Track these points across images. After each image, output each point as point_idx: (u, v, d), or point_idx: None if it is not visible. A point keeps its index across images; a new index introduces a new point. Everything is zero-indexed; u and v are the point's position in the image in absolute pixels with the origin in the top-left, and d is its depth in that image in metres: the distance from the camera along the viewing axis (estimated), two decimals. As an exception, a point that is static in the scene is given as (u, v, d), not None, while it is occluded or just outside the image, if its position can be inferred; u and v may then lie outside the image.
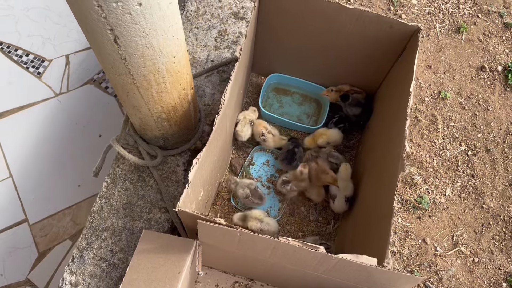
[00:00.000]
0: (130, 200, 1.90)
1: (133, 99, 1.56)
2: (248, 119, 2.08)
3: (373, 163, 1.88)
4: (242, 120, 2.06)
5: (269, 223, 1.85)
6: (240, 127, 2.05)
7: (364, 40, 1.88)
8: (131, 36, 1.23)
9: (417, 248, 2.02)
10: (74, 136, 2.87)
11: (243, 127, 2.06)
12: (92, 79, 3.06)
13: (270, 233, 1.81)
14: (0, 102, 2.95)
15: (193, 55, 2.26)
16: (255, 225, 1.82)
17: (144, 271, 1.50)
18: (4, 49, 3.11)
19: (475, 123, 2.31)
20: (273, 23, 1.94)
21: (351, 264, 1.30)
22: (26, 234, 2.62)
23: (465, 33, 2.55)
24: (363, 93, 2.16)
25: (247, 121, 2.07)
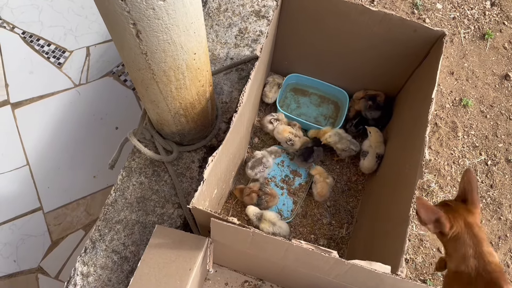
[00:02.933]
0: (144, 194, 1.91)
1: (152, 94, 1.56)
2: (277, 82, 2.19)
3: (390, 168, 1.85)
4: (271, 82, 2.18)
5: (281, 226, 1.86)
6: (268, 87, 2.17)
7: (387, 43, 1.85)
8: (153, 31, 1.22)
9: (431, 257, 1.98)
10: (91, 127, 2.90)
11: (272, 88, 2.17)
12: (112, 71, 3.08)
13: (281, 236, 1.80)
14: (21, 91, 2.99)
15: (212, 52, 2.25)
16: (267, 228, 1.83)
17: (155, 266, 1.51)
18: (26, 38, 3.15)
19: (496, 133, 2.26)
20: (295, 23, 1.92)
21: (364, 270, 1.29)
22: (40, 222, 2.65)
23: (490, 40, 2.50)
24: (381, 95, 2.12)
25: (276, 83, 2.18)
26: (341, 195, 2.08)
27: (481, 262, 1.37)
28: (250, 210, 1.89)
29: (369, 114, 2.07)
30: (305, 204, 2.06)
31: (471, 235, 1.42)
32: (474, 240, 1.41)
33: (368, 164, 1.97)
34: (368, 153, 1.98)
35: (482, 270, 1.36)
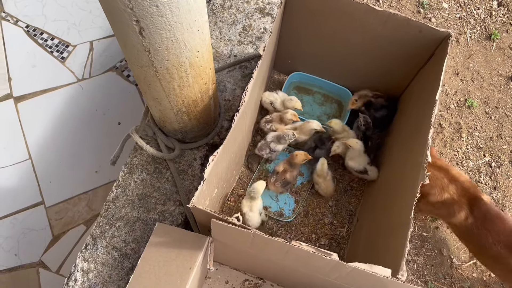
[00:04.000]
0: (146, 191, 1.91)
1: (155, 91, 1.55)
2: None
3: (392, 169, 1.84)
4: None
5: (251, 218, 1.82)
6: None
7: (392, 43, 1.83)
8: (156, 29, 1.21)
9: (432, 259, 1.97)
10: (94, 122, 2.89)
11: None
12: (115, 66, 3.07)
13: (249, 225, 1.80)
14: (24, 85, 2.99)
15: (216, 49, 2.24)
16: (244, 212, 1.81)
17: (156, 264, 1.50)
18: (30, 32, 3.14)
19: (501, 134, 2.24)
20: (299, 21, 1.91)
21: (365, 273, 1.28)
22: (42, 216, 2.66)
23: (496, 41, 2.47)
24: (384, 96, 2.11)
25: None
26: (343, 195, 2.07)
27: (457, 184, 1.68)
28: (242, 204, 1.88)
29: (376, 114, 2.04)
30: (307, 204, 2.05)
31: (437, 168, 1.71)
32: (442, 170, 1.70)
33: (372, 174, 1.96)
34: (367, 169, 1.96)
35: (461, 189, 1.67)
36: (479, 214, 1.65)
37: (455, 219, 1.70)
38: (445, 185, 1.69)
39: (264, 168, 2.11)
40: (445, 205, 1.70)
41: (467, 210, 1.66)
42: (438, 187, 1.69)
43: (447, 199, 1.69)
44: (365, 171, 1.94)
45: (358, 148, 1.93)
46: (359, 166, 1.95)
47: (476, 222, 1.65)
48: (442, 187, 1.69)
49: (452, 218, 1.70)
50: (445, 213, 1.74)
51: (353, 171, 1.99)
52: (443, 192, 1.69)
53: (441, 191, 1.69)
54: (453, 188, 1.68)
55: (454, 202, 1.68)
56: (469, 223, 1.67)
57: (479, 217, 1.65)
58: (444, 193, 1.69)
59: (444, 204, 1.70)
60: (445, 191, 1.69)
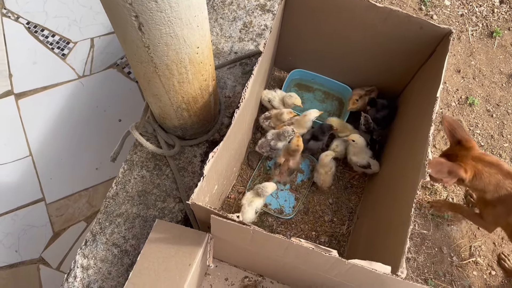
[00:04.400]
0: (146, 188, 1.90)
1: (154, 88, 1.55)
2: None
3: (393, 167, 1.83)
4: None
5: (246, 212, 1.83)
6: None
7: (393, 40, 1.82)
8: (155, 24, 1.21)
9: (432, 257, 1.97)
10: (95, 119, 2.89)
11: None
12: (115, 63, 3.06)
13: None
14: (24, 81, 2.98)
15: (216, 46, 2.23)
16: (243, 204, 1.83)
17: (155, 261, 1.50)
18: (31, 28, 3.14)
19: (502, 132, 2.23)
20: (299, 18, 1.90)
21: (365, 270, 1.27)
22: (42, 213, 2.66)
23: (498, 38, 2.46)
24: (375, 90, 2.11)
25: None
26: (343, 192, 2.06)
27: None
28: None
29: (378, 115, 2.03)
30: (307, 201, 2.05)
31: (487, 164, 1.60)
32: (494, 166, 1.59)
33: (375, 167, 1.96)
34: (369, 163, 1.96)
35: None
36: None
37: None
38: (501, 181, 1.59)
39: (264, 165, 2.11)
40: (502, 201, 1.62)
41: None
42: (494, 183, 1.61)
43: (506, 196, 1.60)
44: (368, 165, 1.93)
45: (360, 142, 1.92)
46: (363, 161, 1.94)
47: None
48: (498, 183, 1.60)
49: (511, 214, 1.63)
50: (505, 211, 1.65)
51: (356, 166, 1.98)
52: (500, 188, 1.60)
53: (498, 187, 1.61)
54: (510, 183, 1.59)
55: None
56: None
57: None
58: (501, 190, 1.60)
59: (501, 200, 1.62)
60: (502, 188, 1.60)
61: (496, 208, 1.67)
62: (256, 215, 1.88)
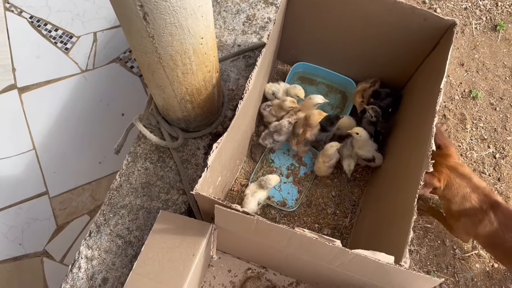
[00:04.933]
0: (149, 180, 1.91)
1: (158, 79, 1.55)
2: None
3: (396, 159, 1.83)
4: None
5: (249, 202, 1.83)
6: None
7: (397, 32, 1.82)
8: (160, 14, 1.21)
9: (435, 249, 1.97)
10: (98, 113, 2.90)
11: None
12: (118, 57, 3.07)
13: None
14: (28, 75, 2.99)
15: (220, 39, 2.23)
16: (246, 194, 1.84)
17: (159, 251, 1.51)
18: (34, 23, 3.14)
19: (505, 125, 2.23)
20: (303, 10, 1.90)
21: (368, 260, 1.28)
22: (46, 206, 2.67)
23: (502, 32, 2.46)
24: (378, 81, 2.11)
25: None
26: (346, 185, 2.07)
27: (479, 192, 1.67)
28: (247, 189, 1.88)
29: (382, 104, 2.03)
30: (310, 194, 2.05)
31: (459, 175, 1.68)
32: (465, 178, 1.68)
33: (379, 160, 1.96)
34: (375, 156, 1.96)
35: (482, 197, 1.66)
36: (504, 218, 1.64)
37: (480, 227, 1.68)
38: (468, 194, 1.67)
39: (267, 158, 2.11)
40: (468, 213, 1.68)
41: (491, 216, 1.65)
42: (461, 195, 1.68)
43: (470, 209, 1.67)
44: (373, 158, 1.94)
45: (364, 135, 1.92)
46: (368, 154, 1.94)
47: (501, 226, 1.64)
48: (465, 196, 1.67)
49: (478, 227, 1.68)
50: (470, 223, 1.71)
51: (360, 159, 1.98)
52: (465, 201, 1.67)
53: (464, 200, 1.68)
54: (475, 197, 1.66)
55: (477, 210, 1.66)
56: (495, 229, 1.65)
57: (503, 221, 1.64)
58: (466, 202, 1.67)
59: (467, 212, 1.68)
60: (467, 200, 1.67)
61: (461, 220, 1.73)
62: (258, 206, 1.88)
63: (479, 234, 1.73)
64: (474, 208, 1.66)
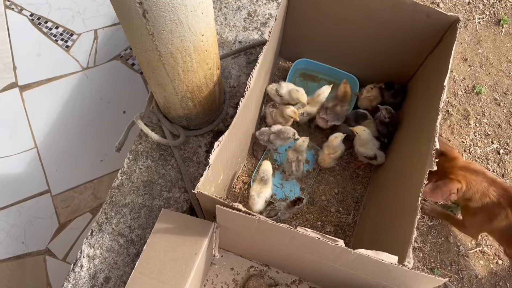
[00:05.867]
0: (151, 178, 1.90)
1: (159, 77, 1.54)
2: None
3: (399, 157, 1.82)
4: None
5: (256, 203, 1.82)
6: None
7: (399, 29, 1.80)
8: (160, 11, 1.20)
9: (439, 246, 1.96)
10: (99, 111, 2.89)
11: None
12: (119, 55, 3.05)
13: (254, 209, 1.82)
14: (29, 73, 2.98)
15: (220, 35, 2.22)
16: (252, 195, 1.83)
17: (161, 250, 1.50)
18: (34, 20, 3.13)
19: (509, 121, 2.21)
20: (304, 7, 1.88)
21: (371, 260, 1.27)
22: (48, 204, 2.67)
23: (506, 26, 2.43)
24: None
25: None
26: (349, 182, 2.05)
27: (497, 185, 1.64)
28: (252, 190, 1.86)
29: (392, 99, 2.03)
30: (312, 191, 2.04)
31: (473, 173, 1.66)
32: (480, 174, 1.65)
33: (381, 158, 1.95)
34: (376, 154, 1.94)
35: (501, 191, 1.63)
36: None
37: (496, 222, 1.66)
38: (486, 189, 1.64)
39: (269, 156, 2.10)
40: (485, 209, 1.67)
41: (508, 210, 1.63)
42: (480, 192, 1.65)
43: (487, 204, 1.65)
44: (375, 156, 1.92)
45: (366, 135, 1.90)
46: (370, 152, 1.93)
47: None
48: (483, 191, 1.65)
49: (494, 222, 1.67)
50: (486, 218, 1.69)
51: (362, 156, 1.97)
52: (484, 196, 1.65)
53: (483, 195, 1.65)
54: (493, 190, 1.64)
55: (494, 205, 1.64)
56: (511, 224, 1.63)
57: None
58: (485, 198, 1.65)
59: (484, 208, 1.67)
60: (486, 196, 1.65)
61: (477, 216, 1.71)
62: (265, 204, 1.87)
63: (494, 229, 1.71)
64: (492, 202, 1.64)
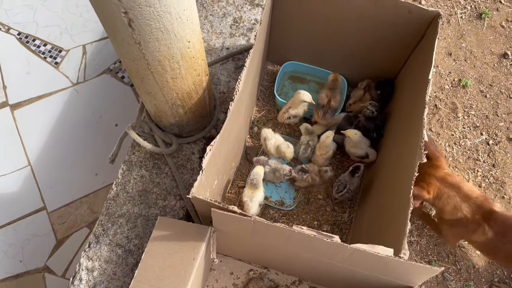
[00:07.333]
0: (146, 187, 1.91)
1: (148, 85, 1.55)
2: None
3: (391, 152, 1.84)
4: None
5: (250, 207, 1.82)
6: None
7: (383, 26, 1.83)
8: (145, 20, 1.22)
9: (435, 239, 1.98)
10: (91, 125, 2.89)
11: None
12: (109, 69, 3.07)
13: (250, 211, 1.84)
14: (19, 92, 2.98)
15: (208, 43, 2.24)
16: (245, 201, 1.83)
17: (160, 257, 1.51)
18: (22, 39, 3.14)
19: (496, 112, 2.25)
20: (289, 9, 1.91)
21: (367, 254, 1.28)
22: (44, 221, 2.66)
23: (487, 19, 2.48)
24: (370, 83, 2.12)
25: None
26: (343, 181, 2.07)
27: (470, 202, 1.65)
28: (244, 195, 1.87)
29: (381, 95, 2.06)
30: (307, 191, 2.05)
31: (449, 186, 1.67)
32: (454, 188, 1.67)
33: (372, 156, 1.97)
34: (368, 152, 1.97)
35: (474, 207, 1.64)
36: (498, 227, 1.62)
37: (475, 236, 1.67)
38: (458, 204, 1.66)
39: (262, 159, 2.11)
40: (460, 223, 1.68)
41: (485, 226, 1.63)
42: (451, 205, 1.67)
43: (462, 218, 1.66)
44: (367, 155, 1.94)
45: (357, 138, 1.92)
46: (361, 151, 1.95)
47: (497, 235, 1.63)
48: (455, 206, 1.66)
49: (472, 235, 1.68)
50: (463, 232, 1.71)
51: (354, 157, 1.99)
52: (456, 211, 1.67)
53: (455, 210, 1.67)
54: (466, 207, 1.65)
55: (469, 220, 1.65)
56: (490, 238, 1.64)
57: (499, 230, 1.62)
58: (458, 212, 1.66)
59: (459, 222, 1.68)
60: (458, 210, 1.66)
61: (452, 228, 1.73)
62: (260, 208, 1.88)
63: (473, 241, 1.73)
64: (466, 218, 1.65)
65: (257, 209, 1.84)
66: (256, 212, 1.85)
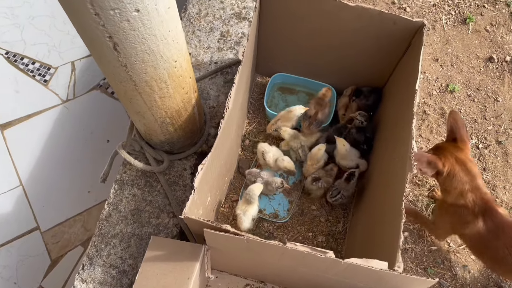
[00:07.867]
0: (138, 206, 1.90)
1: (137, 106, 1.55)
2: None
3: (382, 162, 1.85)
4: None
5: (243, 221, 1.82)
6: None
7: (368, 38, 1.84)
8: (130, 43, 1.22)
9: (430, 245, 1.98)
10: (82, 142, 2.88)
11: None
12: (98, 84, 3.06)
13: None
14: (8, 111, 2.97)
15: (196, 58, 2.24)
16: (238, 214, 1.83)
17: (153, 278, 1.50)
18: (10, 58, 3.13)
19: (485, 115, 2.27)
20: (276, 22, 1.92)
21: (361, 268, 1.28)
22: (38, 241, 2.63)
23: (472, 24, 2.50)
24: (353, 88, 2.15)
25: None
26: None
27: (477, 194, 1.61)
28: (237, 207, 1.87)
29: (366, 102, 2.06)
30: (301, 203, 2.05)
31: (465, 171, 1.62)
32: (469, 175, 1.62)
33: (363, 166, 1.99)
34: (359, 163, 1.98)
35: (479, 201, 1.61)
36: (493, 225, 1.59)
37: (468, 229, 1.64)
38: (465, 191, 1.62)
39: (255, 172, 2.11)
40: (458, 211, 1.65)
41: (480, 219, 1.60)
42: (459, 190, 1.63)
43: (462, 206, 1.63)
44: (357, 166, 1.95)
45: (343, 151, 1.94)
46: (352, 163, 1.96)
47: (489, 233, 1.60)
48: (462, 192, 1.62)
49: (465, 227, 1.65)
50: (457, 221, 1.68)
51: (346, 168, 1.99)
52: (460, 197, 1.63)
53: (460, 195, 1.63)
54: (471, 196, 1.61)
55: (468, 210, 1.62)
56: (482, 233, 1.61)
57: (493, 229, 1.60)
58: (461, 199, 1.63)
59: (458, 210, 1.64)
60: (463, 197, 1.62)
61: (449, 216, 1.70)
62: (253, 222, 1.88)
63: (464, 235, 1.70)
64: (466, 207, 1.62)
65: (250, 223, 1.84)
66: (249, 226, 1.85)
